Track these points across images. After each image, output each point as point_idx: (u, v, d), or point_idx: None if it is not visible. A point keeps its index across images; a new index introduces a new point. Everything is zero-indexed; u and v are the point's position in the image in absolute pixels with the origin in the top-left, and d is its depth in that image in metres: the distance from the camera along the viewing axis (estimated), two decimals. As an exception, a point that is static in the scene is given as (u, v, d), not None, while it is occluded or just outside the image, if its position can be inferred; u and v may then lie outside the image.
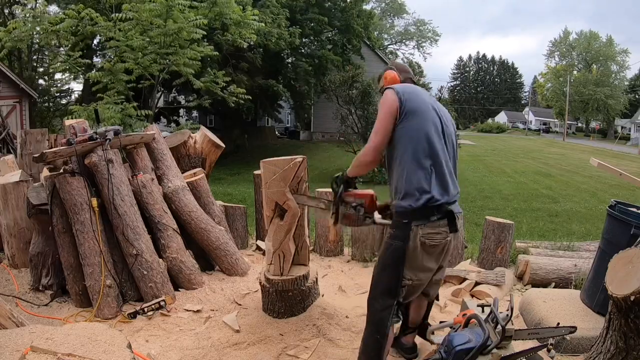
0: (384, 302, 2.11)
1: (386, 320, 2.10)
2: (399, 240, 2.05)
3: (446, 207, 2.05)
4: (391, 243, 2.08)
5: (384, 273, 2.13)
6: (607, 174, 13.64)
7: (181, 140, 4.08)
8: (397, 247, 2.06)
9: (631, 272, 1.86)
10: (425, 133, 2.04)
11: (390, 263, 2.09)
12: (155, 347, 2.61)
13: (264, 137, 26.25)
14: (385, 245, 2.13)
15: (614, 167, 3.55)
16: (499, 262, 3.96)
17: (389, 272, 2.10)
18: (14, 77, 14.89)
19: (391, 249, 2.08)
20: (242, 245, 4.51)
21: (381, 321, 2.10)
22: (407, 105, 2.06)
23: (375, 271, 2.18)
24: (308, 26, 18.97)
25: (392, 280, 2.09)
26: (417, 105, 2.07)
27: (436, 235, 2.05)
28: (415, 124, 2.05)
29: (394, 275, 2.08)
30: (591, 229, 7.70)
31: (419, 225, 2.03)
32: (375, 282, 2.17)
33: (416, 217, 2.03)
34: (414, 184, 2.02)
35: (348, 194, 2.30)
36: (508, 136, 48.99)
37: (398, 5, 43.56)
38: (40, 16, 8.48)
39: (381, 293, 2.12)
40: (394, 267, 2.08)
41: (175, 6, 8.11)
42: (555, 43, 53.27)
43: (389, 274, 2.10)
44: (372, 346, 2.13)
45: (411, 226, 2.03)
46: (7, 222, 3.78)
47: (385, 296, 2.11)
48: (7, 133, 10.39)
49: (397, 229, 2.07)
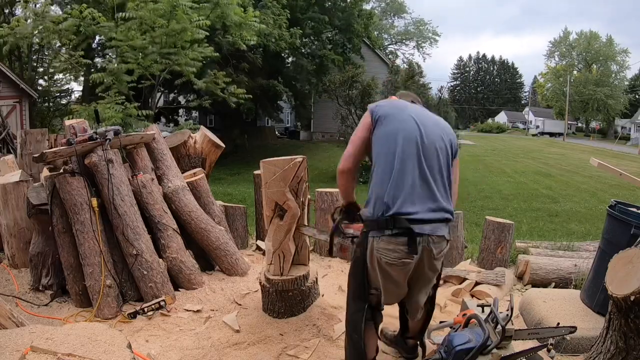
0: (355, 305, 2.13)
1: (359, 322, 2.11)
2: (360, 249, 2.03)
3: (405, 223, 1.88)
4: (355, 250, 2.09)
5: (352, 278, 2.15)
6: (607, 174, 13.64)
7: (181, 140, 4.08)
8: (358, 256, 2.06)
9: (631, 272, 1.86)
10: (394, 139, 1.96)
11: (354, 271, 2.12)
12: (155, 347, 2.61)
13: (264, 137, 26.23)
14: (353, 251, 2.15)
15: (614, 167, 3.55)
16: (499, 262, 3.96)
17: (355, 278, 2.12)
18: (14, 77, 14.87)
19: (354, 256, 2.10)
20: (242, 245, 4.51)
21: (355, 322, 2.13)
22: (380, 112, 2.05)
23: (349, 272, 2.20)
24: (309, 26, 18.97)
25: (359, 286, 2.10)
26: (389, 113, 2.04)
27: (391, 252, 1.93)
28: (383, 130, 2.01)
29: (359, 282, 2.09)
30: (591, 229, 7.70)
31: (374, 238, 1.96)
32: (348, 285, 2.21)
33: (372, 227, 1.96)
34: (375, 191, 1.96)
35: (348, 226, 2.30)
36: (508, 136, 48.97)
37: (398, 4, 43.53)
38: (42, 14, 8.48)
39: (352, 296, 2.16)
40: (358, 274, 2.07)
41: (179, 6, 8.12)
42: (555, 43, 53.27)
43: (355, 280, 2.12)
44: (353, 345, 2.16)
45: (368, 237, 1.97)
46: (7, 222, 3.78)
47: (356, 300, 2.14)
48: (7, 133, 10.38)
49: (361, 237, 2.05)
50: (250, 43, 10.76)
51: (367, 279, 2.06)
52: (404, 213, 1.89)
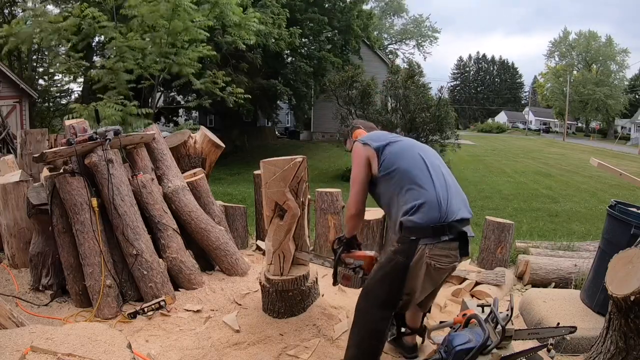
0: (382, 314, 2.08)
1: (385, 330, 2.08)
2: (402, 256, 1.99)
3: (458, 227, 1.96)
4: (393, 258, 2.03)
5: (382, 285, 2.07)
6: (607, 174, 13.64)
7: (181, 140, 4.08)
8: (399, 262, 2.00)
9: (631, 272, 1.86)
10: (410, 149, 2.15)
11: (391, 277, 2.04)
12: (155, 347, 2.61)
13: (264, 137, 26.24)
14: (388, 258, 2.07)
15: (614, 167, 3.55)
16: (499, 262, 3.96)
17: (389, 285, 2.05)
18: (14, 77, 14.87)
19: (392, 263, 2.03)
20: (242, 245, 4.51)
21: (380, 331, 2.09)
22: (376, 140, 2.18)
23: (372, 280, 2.13)
24: (308, 26, 18.94)
25: (392, 294, 2.05)
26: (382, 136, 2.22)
27: (444, 258, 1.96)
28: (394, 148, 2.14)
29: (394, 289, 2.04)
30: (591, 229, 7.70)
31: (426, 245, 1.94)
32: (371, 291, 2.12)
33: (425, 235, 1.94)
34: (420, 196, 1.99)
35: (347, 256, 2.36)
36: (508, 136, 48.97)
37: (397, 4, 43.52)
38: (41, 15, 8.48)
39: (379, 305, 2.08)
40: (395, 282, 2.02)
41: (181, 6, 8.12)
42: (555, 43, 53.28)
43: (389, 287, 2.05)
44: (368, 350, 2.11)
45: (418, 244, 1.94)
46: (7, 222, 3.78)
47: (383, 308, 2.08)
48: (7, 133, 10.37)
49: (402, 244, 2.00)
50: (250, 43, 10.75)
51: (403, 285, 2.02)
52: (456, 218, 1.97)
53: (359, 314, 2.15)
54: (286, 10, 16.15)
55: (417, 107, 13.20)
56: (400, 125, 13.27)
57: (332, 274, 2.44)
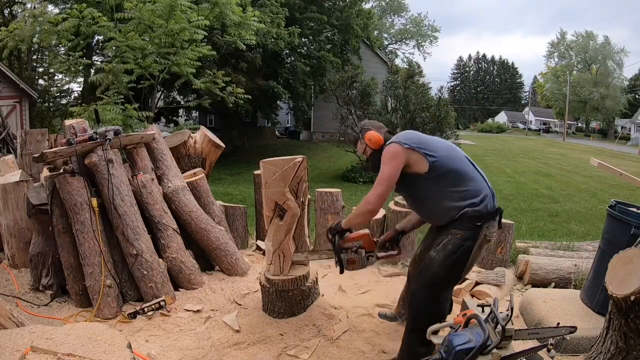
0: (447, 293, 2.42)
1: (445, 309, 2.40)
2: (470, 241, 2.30)
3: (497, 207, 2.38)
4: (462, 244, 2.29)
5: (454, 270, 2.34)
6: (607, 174, 13.65)
7: (181, 140, 4.08)
8: (467, 247, 2.30)
9: (631, 272, 1.87)
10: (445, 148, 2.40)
11: (461, 261, 2.32)
12: (155, 347, 2.61)
13: (264, 137, 26.24)
14: (454, 246, 2.30)
15: (614, 167, 3.55)
16: (499, 262, 3.96)
17: (459, 268, 2.35)
18: (14, 77, 14.86)
19: (463, 248, 2.29)
20: (242, 245, 4.50)
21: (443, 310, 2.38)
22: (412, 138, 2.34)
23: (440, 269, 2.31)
24: (307, 26, 18.93)
25: (460, 276, 2.43)
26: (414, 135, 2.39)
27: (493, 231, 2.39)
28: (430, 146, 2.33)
29: (462, 271, 2.38)
30: (591, 229, 7.68)
31: (487, 226, 2.32)
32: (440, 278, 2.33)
33: (487, 219, 2.32)
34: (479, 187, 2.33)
35: (344, 240, 2.43)
36: (508, 136, 48.97)
37: (398, 3, 43.46)
38: (41, 15, 8.47)
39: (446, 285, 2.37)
40: (464, 264, 2.34)
41: (177, 6, 8.11)
42: (553, 44, 53.33)
43: (459, 270, 2.36)
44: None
45: (482, 227, 2.30)
46: (7, 222, 3.78)
47: (449, 287, 2.42)
48: (7, 133, 10.37)
49: (469, 230, 2.29)
50: (250, 42, 10.74)
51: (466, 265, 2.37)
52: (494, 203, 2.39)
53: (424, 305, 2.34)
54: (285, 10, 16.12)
55: (417, 107, 13.21)
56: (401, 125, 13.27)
57: (335, 264, 2.47)
